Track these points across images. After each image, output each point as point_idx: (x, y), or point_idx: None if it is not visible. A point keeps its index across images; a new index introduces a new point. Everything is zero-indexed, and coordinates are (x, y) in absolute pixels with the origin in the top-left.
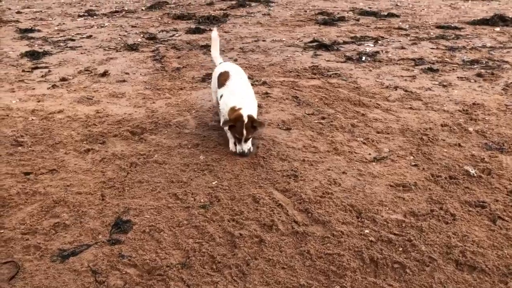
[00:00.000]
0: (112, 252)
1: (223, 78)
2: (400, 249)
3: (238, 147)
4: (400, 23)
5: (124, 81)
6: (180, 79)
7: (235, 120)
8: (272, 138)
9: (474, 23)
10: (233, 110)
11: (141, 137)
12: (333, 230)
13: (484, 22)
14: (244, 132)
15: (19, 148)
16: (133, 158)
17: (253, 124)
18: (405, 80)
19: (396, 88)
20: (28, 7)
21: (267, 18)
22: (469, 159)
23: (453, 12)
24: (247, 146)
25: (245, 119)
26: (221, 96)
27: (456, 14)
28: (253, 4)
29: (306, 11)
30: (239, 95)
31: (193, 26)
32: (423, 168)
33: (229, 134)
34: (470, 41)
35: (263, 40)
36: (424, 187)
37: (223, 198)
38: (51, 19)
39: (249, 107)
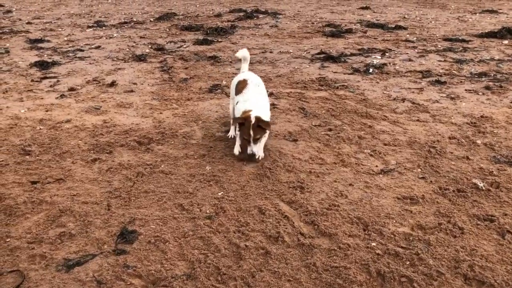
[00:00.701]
0: (117, 262)
1: (241, 86)
2: (408, 262)
3: (248, 149)
4: (408, 35)
5: (131, 91)
6: (187, 90)
7: (243, 119)
8: (278, 149)
9: (482, 36)
10: (243, 112)
11: (148, 147)
12: (340, 243)
13: (492, 35)
14: (251, 132)
15: (27, 157)
16: (140, 168)
17: (260, 125)
18: (413, 92)
19: (403, 100)
20: (38, 18)
21: (274, 30)
22: (478, 172)
23: (460, 24)
24: (256, 148)
25: (253, 120)
26: (237, 103)
27: (463, 27)
28: (260, 16)
29: (313, 23)
30: (252, 102)
31: (201, 37)
32: (431, 181)
33: (237, 137)
34: (478, 54)
35: (270, 52)
36: (431, 200)
37: (229, 209)
38: (60, 29)
39: (259, 111)
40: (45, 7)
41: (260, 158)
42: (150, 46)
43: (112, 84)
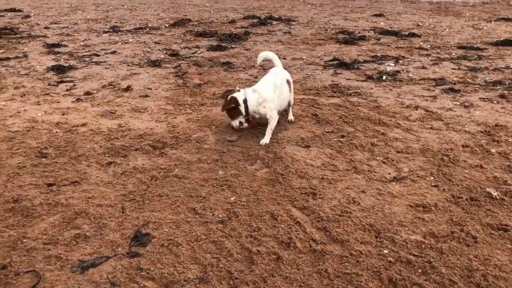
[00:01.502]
0: (131, 264)
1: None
2: (420, 270)
3: (232, 123)
4: (421, 43)
5: (146, 96)
6: (201, 95)
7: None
8: (291, 155)
9: (497, 44)
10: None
11: (162, 151)
12: (352, 250)
13: (507, 43)
14: (226, 111)
15: (43, 159)
16: (154, 172)
17: (232, 106)
18: (426, 100)
19: (416, 107)
20: (56, 23)
21: (287, 37)
22: (491, 181)
23: (475, 32)
24: (235, 123)
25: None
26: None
27: (478, 35)
28: (274, 22)
29: (326, 30)
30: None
31: (214, 43)
32: (444, 189)
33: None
34: (493, 62)
35: (284, 58)
36: (444, 208)
37: (241, 214)
38: (77, 34)
39: (244, 94)
40: (62, 12)
41: (262, 143)
42: (165, 51)
43: (127, 88)
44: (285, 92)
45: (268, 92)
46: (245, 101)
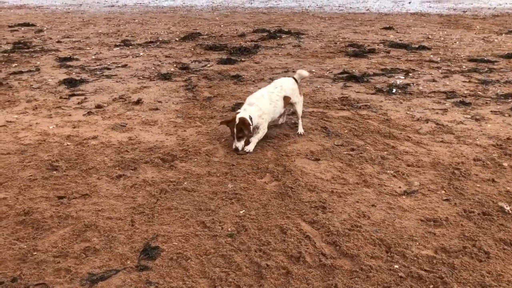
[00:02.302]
0: (139, 278)
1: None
2: (431, 286)
3: (233, 144)
4: (432, 55)
5: (156, 109)
6: (211, 108)
7: (230, 120)
8: (300, 168)
9: (508, 56)
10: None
11: (172, 164)
12: (362, 264)
13: None
14: (235, 130)
15: (54, 172)
16: (163, 185)
17: (241, 127)
18: (437, 113)
19: (427, 121)
20: (68, 37)
21: (297, 50)
22: (504, 195)
23: (486, 45)
24: (239, 144)
25: (237, 121)
26: None
27: (489, 48)
28: (283, 36)
29: (336, 43)
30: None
31: (224, 56)
32: (455, 203)
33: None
34: (504, 75)
35: (293, 71)
36: (456, 222)
37: (250, 228)
38: (88, 48)
39: (247, 112)
40: (74, 26)
41: (247, 151)
42: (175, 65)
43: (138, 102)
44: (279, 107)
45: (265, 104)
46: (250, 119)
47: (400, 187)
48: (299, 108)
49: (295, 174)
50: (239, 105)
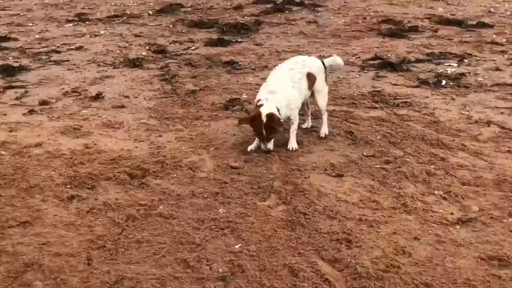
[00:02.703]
0: None
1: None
2: None
3: (262, 146)
4: (494, 36)
5: (122, 106)
6: (196, 106)
7: (252, 118)
8: (317, 187)
9: None
10: (255, 106)
11: (142, 181)
12: None
13: None
14: (264, 131)
15: None
16: (131, 210)
17: (272, 124)
18: (502, 113)
19: (488, 123)
20: (3, 9)
21: (312, 27)
22: None
23: None
24: (271, 144)
25: (264, 119)
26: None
27: None
28: (294, 8)
29: (365, 18)
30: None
31: (214, 36)
32: None
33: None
34: None
35: (308, 55)
36: None
37: (249, 268)
38: (31, 24)
39: (272, 105)
40: None
41: (294, 149)
42: (147, 47)
43: (97, 96)
44: (303, 89)
45: (289, 90)
46: (278, 111)
47: (452, 214)
48: (323, 100)
49: (310, 195)
50: (233, 102)
